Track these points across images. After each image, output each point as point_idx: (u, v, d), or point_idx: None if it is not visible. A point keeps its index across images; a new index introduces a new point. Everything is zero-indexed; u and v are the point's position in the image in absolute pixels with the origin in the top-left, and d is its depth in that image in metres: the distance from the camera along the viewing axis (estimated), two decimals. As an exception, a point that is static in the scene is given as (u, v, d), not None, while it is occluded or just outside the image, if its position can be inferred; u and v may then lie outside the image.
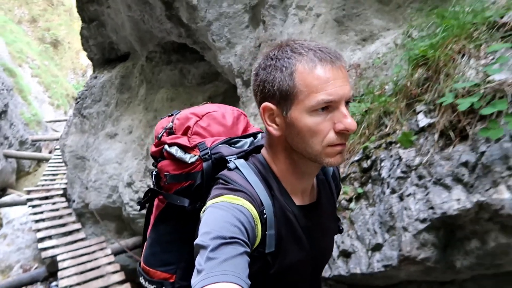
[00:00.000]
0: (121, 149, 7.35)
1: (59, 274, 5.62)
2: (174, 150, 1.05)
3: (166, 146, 1.08)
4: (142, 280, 1.14)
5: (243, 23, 4.71)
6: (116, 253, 6.54)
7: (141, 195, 6.93)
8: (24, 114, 14.86)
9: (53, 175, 10.21)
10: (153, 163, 1.17)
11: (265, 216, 0.90)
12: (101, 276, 5.49)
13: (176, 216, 1.07)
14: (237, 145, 1.08)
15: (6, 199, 10.20)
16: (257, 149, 1.05)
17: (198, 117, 1.12)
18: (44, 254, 6.51)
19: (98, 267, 5.75)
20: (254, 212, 0.87)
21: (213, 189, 0.92)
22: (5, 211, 10.56)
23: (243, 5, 4.61)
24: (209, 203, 0.88)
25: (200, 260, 0.75)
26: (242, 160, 0.99)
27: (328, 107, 0.85)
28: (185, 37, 5.39)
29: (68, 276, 5.52)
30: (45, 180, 9.90)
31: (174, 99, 6.94)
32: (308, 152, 0.90)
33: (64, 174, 9.35)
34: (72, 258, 6.12)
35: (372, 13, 3.74)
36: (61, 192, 8.96)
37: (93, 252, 6.34)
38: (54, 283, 6.36)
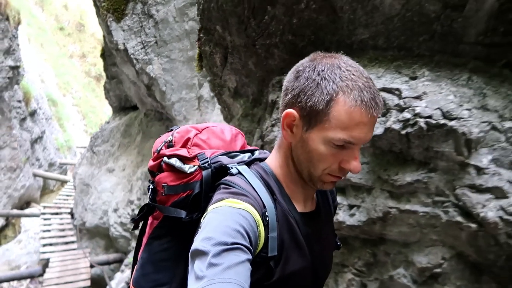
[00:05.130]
0: (114, 182, 9.72)
1: (47, 270, 7.94)
2: (174, 161, 1.08)
3: (165, 158, 1.11)
4: None
5: (194, 106, 7.03)
6: (96, 263, 8.74)
7: (124, 220, 9.23)
8: (58, 140, 17.92)
9: (67, 195, 12.79)
10: (149, 180, 1.18)
11: (267, 218, 0.91)
12: (74, 275, 7.76)
13: (171, 232, 1.08)
14: (236, 158, 1.11)
15: (25, 211, 12.83)
16: (256, 161, 1.08)
17: (198, 131, 1.17)
18: (42, 256, 8.85)
19: (76, 269, 8.01)
20: (256, 216, 0.89)
21: (215, 194, 0.94)
22: (25, 221, 13.18)
23: (195, 94, 6.95)
24: (210, 208, 0.90)
25: (201, 266, 0.76)
26: (244, 166, 1.02)
27: (344, 145, 0.88)
28: (161, 109, 7.78)
29: (51, 274, 7.86)
30: (60, 199, 12.48)
31: (159, 148, 9.29)
32: (308, 171, 0.95)
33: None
34: (61, 261, 8.40)
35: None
36: (69, 210, 11.43)
37: (78, 259, 8.60)
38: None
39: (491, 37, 1.45)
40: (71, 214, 11.28)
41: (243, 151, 1.16)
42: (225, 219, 0.83)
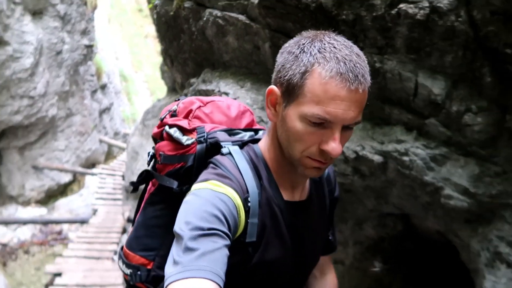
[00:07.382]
0: (157, 152, 11.38)
1: (93, 216, 9.90)
2: (173, 131, 1.09)
3: (166, 127, 1.12)
4: (120, 263, 1.17)
5: (218, 92, 8.27)
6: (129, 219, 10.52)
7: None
8: (124, 112, 20.26)
9: (123, 161, 14.82)
10: (152, 147, 1.19)
11: (249, 204, 0.91)
12: (112, 222, 9.60)
13: (165, 200, 1.10)
14: (236, 136, 1.08)
15: (87, 170, 15.10)
16: (254, 142, 1.06)
17: (202, 103, 1.16)
18: (93, 207, 10.82)
19: (114, 219, 9.83)
20: (237, 201, 0.89)
21: (202, 173, 0.95)
22: (88, 179, 15.48)
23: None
24: (193, 188, 0.91)
25: (178, 250, 0.78)
26: (236, 147, 1.00)
27: (322, 123, 0.84)
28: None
29: (96, 220, 9.78)
30: (116, 163, 14.56)
31: (195, 127, 10.76)
32: (288, 152, 0.93)
33: (129, 161, 13.83)
34: (105, 212, 10.27)
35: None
36: (121, 173, 13.39)
37: (119, 213, 10.42)
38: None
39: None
40: (123, 176, 13.21)
41: (246, 130, 1.15)
42: (204, 203, 0.84)
